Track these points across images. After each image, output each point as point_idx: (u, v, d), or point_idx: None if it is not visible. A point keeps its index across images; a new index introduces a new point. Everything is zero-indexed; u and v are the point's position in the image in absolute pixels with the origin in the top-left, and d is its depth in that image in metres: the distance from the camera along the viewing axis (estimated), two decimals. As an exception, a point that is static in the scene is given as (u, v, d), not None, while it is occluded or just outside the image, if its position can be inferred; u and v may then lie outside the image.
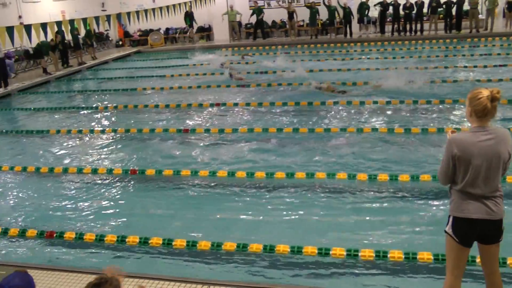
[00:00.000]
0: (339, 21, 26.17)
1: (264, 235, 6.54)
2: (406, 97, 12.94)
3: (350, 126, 10.96)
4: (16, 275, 3.21)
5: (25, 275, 3.27)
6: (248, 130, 11.14)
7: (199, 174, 8.76)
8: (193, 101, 14.55)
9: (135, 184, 8.80)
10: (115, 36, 30.76)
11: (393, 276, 5.50)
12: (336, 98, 13.36)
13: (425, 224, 6.58)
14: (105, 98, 16.30)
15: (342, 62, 19.48)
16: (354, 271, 5.64)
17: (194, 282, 5.23)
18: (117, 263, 6.05)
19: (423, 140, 9.80)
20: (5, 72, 18.47)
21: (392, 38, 24.37)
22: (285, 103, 13.30)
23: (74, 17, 20.21)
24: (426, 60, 18.53)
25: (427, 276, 5.45)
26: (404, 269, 5.58)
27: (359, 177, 8.07)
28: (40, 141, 11.88)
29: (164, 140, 11.12)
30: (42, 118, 14.27)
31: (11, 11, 22.43)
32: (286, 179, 8.27)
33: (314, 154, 9.50)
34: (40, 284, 5.31)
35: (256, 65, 20.30)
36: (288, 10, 26.06)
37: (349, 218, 6.92)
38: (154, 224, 7.15)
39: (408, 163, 8.70)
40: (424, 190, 7.61)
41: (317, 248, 5.93)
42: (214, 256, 6.13)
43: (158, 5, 23.68)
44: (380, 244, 6.07)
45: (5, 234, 7.07)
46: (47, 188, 8.90)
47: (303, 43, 25.45)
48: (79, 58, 23.42)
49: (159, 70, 20.97)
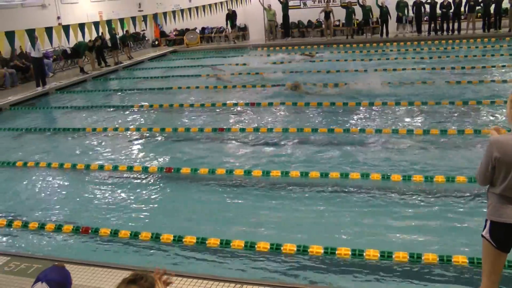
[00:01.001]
0: (375, 20, 25.88)
1: (297, 235, 6.51)
2: (443, 98, 12.74)
3: (386, 127, 10.83)
4: (54, 269, 3.25)
5: (62, 269, 3.31)
6: (283, 130, 11.10)
7: (234, 173, 8.77)
8: (228, 100, 14.58)
9: (170, 183, 8.85)
10: (151, 36, 31.05)
11: (427, 279, 5.40)
12: (372, 99, 13.21)
13: (461, 227, 6.46)
14: (141, 97, 16.45)
15: (378, 62, 19.27)
16: (387, 274, 5.55)
17: (227, 281, 5.22)
18: (150, 261, 6.11)
19: (459, 142, 9.65)
20: (43, 71, 18.86)
21: (428, 38, 24.00)
22: (320, 104, 13.23)
23: (112, 18, 20.43)
24: (463, 60, 18.17)
25: (462, 280, 5.34)
26: (438, 272, 5.48)
27: (393, 178, 7.98)
28: (76, 139, 12.06)
29: (199, 139, 11.17)
30: (78, 116, 14.50)
31: (50, 12, 22.84)
32: (321, 179, 8.22)
33: (349, 154, 9.44)
34: (74, 279, 5.38)
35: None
36: (325, 10, 25.90)
37: (381, 220, 6.82)
38: (188, 222, 7.18)
39: (444, 165, 8.56)
40: (460, 192, 7.47)
41: (350, 249, 5.88)
42: (247, 255, 6.13)
43: (194, 4, 23.75)
44: (414, 247, 5.96)
45: (42, 229, 7.22)
46: (83, 185, 9.03)
47: (339, 43, 25.26)
48: (115, 57, 23.73)
49: (195, 70, 21.10)
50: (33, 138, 12.55)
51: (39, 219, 7.57)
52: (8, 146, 12.03)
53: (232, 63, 21.66)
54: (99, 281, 5.37)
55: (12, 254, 6.28)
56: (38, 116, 15.20)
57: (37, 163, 10.14)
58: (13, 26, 15.27)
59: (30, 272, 5.66)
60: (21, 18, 20.42)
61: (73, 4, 24.52)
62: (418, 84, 14.66)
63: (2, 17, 19.40)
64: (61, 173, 9.68)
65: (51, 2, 22.97)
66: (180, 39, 29.98)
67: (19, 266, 5.85)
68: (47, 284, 3.08)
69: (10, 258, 6.09)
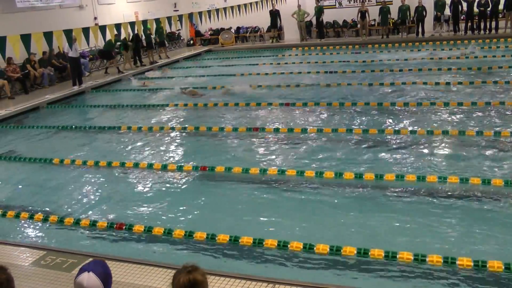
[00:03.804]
0: (411, 20, 25.50)
1: (331, 236, 6.46)
2: (479, 98, 12.52)
3: (421, 128, 10.67)
4: (97, 262, 3.26)
5: (104, 262, 3.33)
6: (318, 130, 11.05)
7: (268, 172, 8.76)
8: (263, 100, 14.53)
9: (204, 181, 8.90)
10: (186, 35, 31.25)
11: (460, 284, 5.29)
12: (401, 99, 13.05)
13: (496, 231, 6.31)
14: (175, 96, 16.55)
15: (414, 62, 19.00)
16: (420, 277, 5.47)
17: (260, 280, 5.21)
18: (183, 258, 6.13)
19: (495, 143, 9.47)
20: (80, 71, 19.17)
21: (465, 37, 23.54)
22: (354, 103, 13.15)
23: (147, 18, 20.62)
24: (500, 60, 17.76)
25: (497, 286, 5.22)
26: (472, 277, 5.36)
27: (429, 179, 7.86)
28: (111, 137, 12.21)
29: (233, 138, 11.21)
30: (114, 115, 14.68)
31: (87, 13, 23.17)
32: (355, 179, 8.16)
33: (382, 155, 9.36)
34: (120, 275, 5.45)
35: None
36: (360, 10, 25.67)
37: (415, 222, 6.71)
38: (221, 221, 7.19)
39: (479, 166, 8.42)
40: (496, 195, 7.32)
41: (383, 251, 5.81)
42: (281, 255, 6.10)
43: (229, 4, 23.78)
44: (448, 250, 5.85)
45: (77, 225, 7.33)
46: (118, 182, 9.14)
47: (374, 43, 24.99)
48: (151, 57, 23.96)
49: (229, 69, 21.14)
50: (69, 135, 12.75)
51: (75, 215, 7.69)
52: (45, 143, 12.27)
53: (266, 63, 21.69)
54: (133, 277, 5.41)
55: (48, 249, 6.39)
56: (74, 114, 15.44)
57: (73, 161, 10.29)
58: (51, 26, 15.53)
59: (65, 266, 5.75)
60: (59, 18, 20.77)
61: (110, 4, 24.83)
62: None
63: (41, 18, 19.75)
64: (96, 170, 9.80)
65: (88, 3, 23.31)
66: (215, 38, 30.12)
67: (54, 260, 5.94)
68: (94, 274, 3.10)
69: (46, 252, 6.19)
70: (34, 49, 14.60)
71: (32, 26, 16.69)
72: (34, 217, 7.71)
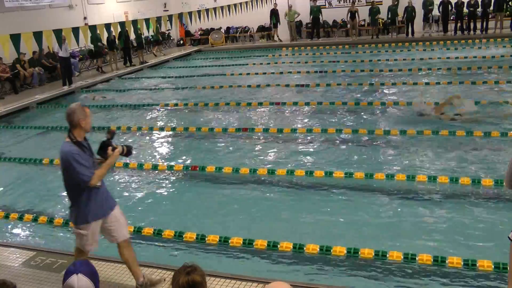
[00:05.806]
0: (400, 20, 25.56)
1: (321, 235, 6.49)
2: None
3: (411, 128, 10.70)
4: (82, 262, 3.17)
5: (88, 262, 3.27)
6: (307, 130, 11.10)
7: (258, 172, 8.78)
8: (253, 100, 14.54)
9: (194, 181, 8.89)
10: (176, 35, 31.20)
11: (451, 283, 5.32)
12: (391, 98, 13.09)
13: (486, 231, 6.35)
14: (165, 96, 16.53)
15: (404, 62, 19.07)
16: (410, 276, 5.50)
17: (251, 280, 5.23)
18: (173, 258, 6.14)
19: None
20: (70, 71, 19.09)
21: (455, 37, 23.68)
22: (344, 103, 13.18)
23: (137, 18, 20.58)
24: (490, 61, 17.85)
25: (486, 285, 5.25)
26: (463, 276, 5.39)
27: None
28: (101, 137, 12.11)
29: (223, 139, 11.20)
30: (103, 115, 14.62)
31: (77, 13, 23.09)
32: (345, 179, 8.18)
33: (372, 154, 9.41)
34: (107, 275, 5.43)
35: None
36: (350, 10, 25.72)
37: (406, 221, 6.77)
38: (211, 221, 7.19)
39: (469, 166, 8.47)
40: (486, 195, 7.37)
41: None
42: (270, 255, 6.11)
43: (219, 4, 23.83)
44: (439, 250, 5.89)
45: (67, 225, 7.24)
46: (109, 182, 9.08)
47: (364, 43, 25.05)
48: (141, 57, 23.89)
49: (219, 69, 21.15)
50: (59, 135, 12.65)
51: (64, 216, 7.65)
52: (35, 143, 12.21)
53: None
54: (123, 277, 5.41)
55: (38, 249, 6.38)
56: (64, 114, 15.32)
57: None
58: (41, 26, 15.47)
59: (55, 267, 5.75)
60: (49, 18, 20.65)
61: (100, 4, 24.75)
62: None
63: (31, 17, 19.64)
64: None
65: (78, 2, 23.22)
66: (205, 38, 30.08)
67: (44, 260, 5.94)
68: (83, 275, 3.06)
69: (37, 253, 6.19)
70: (23, 49, 14.52)
71: (21, 26, 16.61)
72: (23, 217, 7.68)
